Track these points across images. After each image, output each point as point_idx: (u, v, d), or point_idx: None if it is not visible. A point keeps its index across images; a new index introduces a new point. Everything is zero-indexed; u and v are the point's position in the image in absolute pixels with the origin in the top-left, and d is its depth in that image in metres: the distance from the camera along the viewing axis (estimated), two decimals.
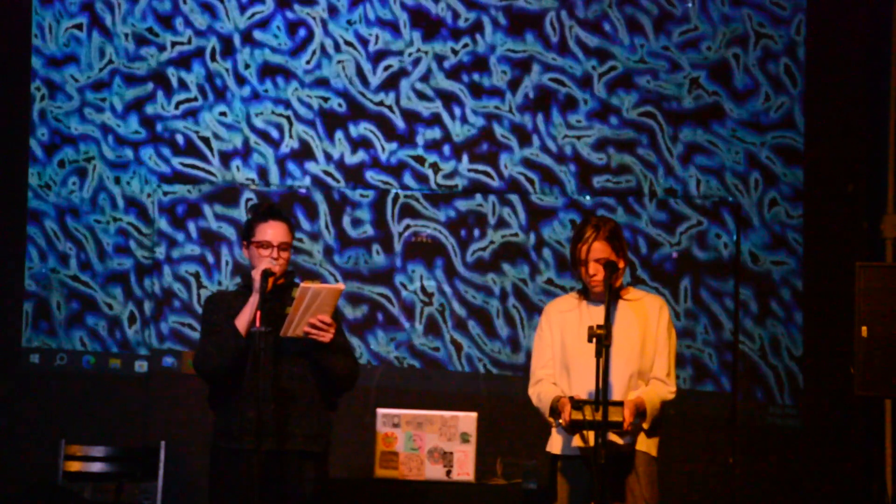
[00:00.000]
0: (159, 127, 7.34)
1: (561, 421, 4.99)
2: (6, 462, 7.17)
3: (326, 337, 5.02)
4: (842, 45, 7.11)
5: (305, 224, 7.24)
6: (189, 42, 7.34)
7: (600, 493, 4.78)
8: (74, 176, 7.35)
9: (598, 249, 5.07)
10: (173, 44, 7.34)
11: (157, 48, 7.34)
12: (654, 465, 5.10)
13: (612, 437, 4.93)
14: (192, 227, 7.30)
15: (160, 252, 7.29)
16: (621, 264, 5.11)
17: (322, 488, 5.16)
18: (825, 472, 6.93)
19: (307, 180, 7.28)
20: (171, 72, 7.34)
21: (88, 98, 7.36)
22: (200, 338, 5.23)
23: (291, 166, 7.30)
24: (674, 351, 5.19)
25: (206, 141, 7.32)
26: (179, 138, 7.33)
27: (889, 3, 7.07)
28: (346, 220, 7.28)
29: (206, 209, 7.31)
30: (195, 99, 7.33)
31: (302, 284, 4.95)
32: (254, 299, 5.03)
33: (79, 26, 7.38)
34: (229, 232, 7.28)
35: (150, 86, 7.34)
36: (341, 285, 5.04)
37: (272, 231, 5.13)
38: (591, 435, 4.89)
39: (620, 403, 4.90)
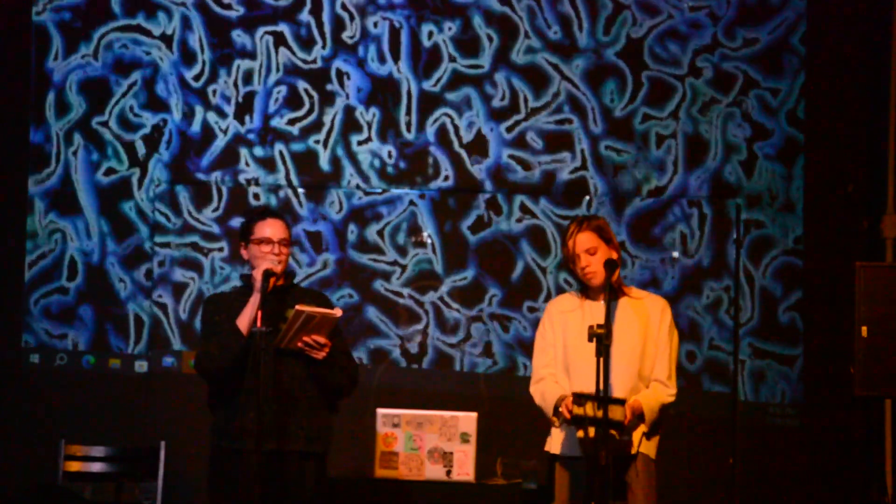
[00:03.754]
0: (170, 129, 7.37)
1: (561, 409, 4.98)
2: (6, 462, 7.16)
3: (320, 355, 5.05)
4: (842, 45, 7.11)
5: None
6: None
7: (599, 493, 4.77)
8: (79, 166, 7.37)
9: (584, 240, 5.09)
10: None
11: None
12: (653, 466, 5.10)
13: (612, 431, 4.92)
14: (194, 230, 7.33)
15: (161, 252, 7.30)
16: (613, 254, 5.12)
17: (322, 489, 5.17)
18: (825, 472, 6.93)
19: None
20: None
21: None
22: (201, 339, 5.23)
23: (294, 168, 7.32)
24: (675, 353, 5.19)
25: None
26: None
27: (889, 3, 7.07)
28: (344, 219, 7.29)
29: (210, 213, 7.33)
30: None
31: (297, 307, 4.96)
32: (255, 299, 5.03)
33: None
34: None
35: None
36: (338, 312, 5.04)
37: (271, 228, 5.15)
38: (591, 433, 4.89)
39: (623, 401, 4.90)
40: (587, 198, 7.19)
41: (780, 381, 7.06)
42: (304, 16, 7.32)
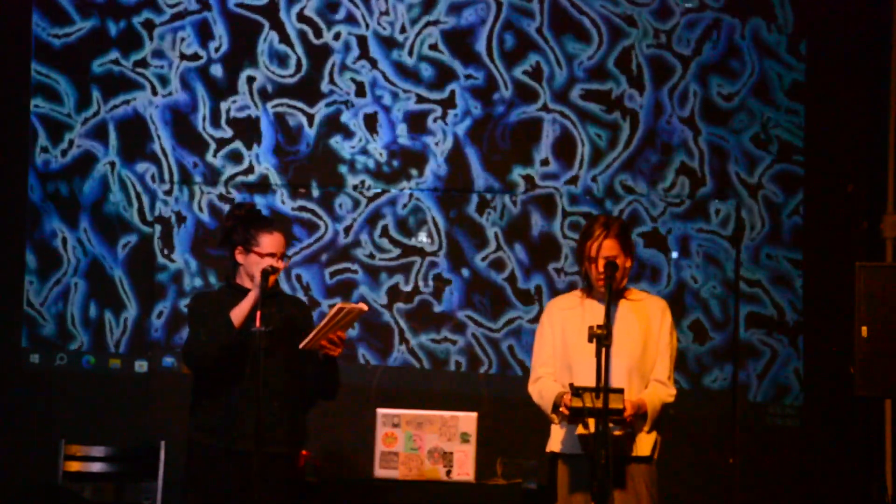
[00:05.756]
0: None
1: (561, 409, 4.99)
2: (6, 462, 7.17)
3: (337, 352, 5.13)
4: (842, 45, 7.11)
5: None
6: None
7: (600, 491, 4.78)
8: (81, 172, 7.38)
9: (609, 247, 5.08)
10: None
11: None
12: (654, 466, 5.11)
13: (616, 433, 4.92)
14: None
15: (162, 251, 7.31)
16: (628, 263, 5.12)
17: (298, 488, 5.26)
18: (825, 472, 6.93)
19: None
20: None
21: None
22: (190, 330, 5.25)
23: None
24: (675, 354, 5.20)
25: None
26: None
27: (889, 3, 7.07)
28: (344, 219, 7.30)
29: (206, 211, 7.34)
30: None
31: (339, 304, 5.03)
32: (253, 294, 5.07)
33: None
34: None
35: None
36: (363, 306, 5.10)
37: (276, 242, 5.23)
38: (591, 430, 4.89)
39: (621, 390, 4.88)
40: (580, 152, 7.17)
41: (780, 380, 7.06)
42: (268, 33, 7.29)
